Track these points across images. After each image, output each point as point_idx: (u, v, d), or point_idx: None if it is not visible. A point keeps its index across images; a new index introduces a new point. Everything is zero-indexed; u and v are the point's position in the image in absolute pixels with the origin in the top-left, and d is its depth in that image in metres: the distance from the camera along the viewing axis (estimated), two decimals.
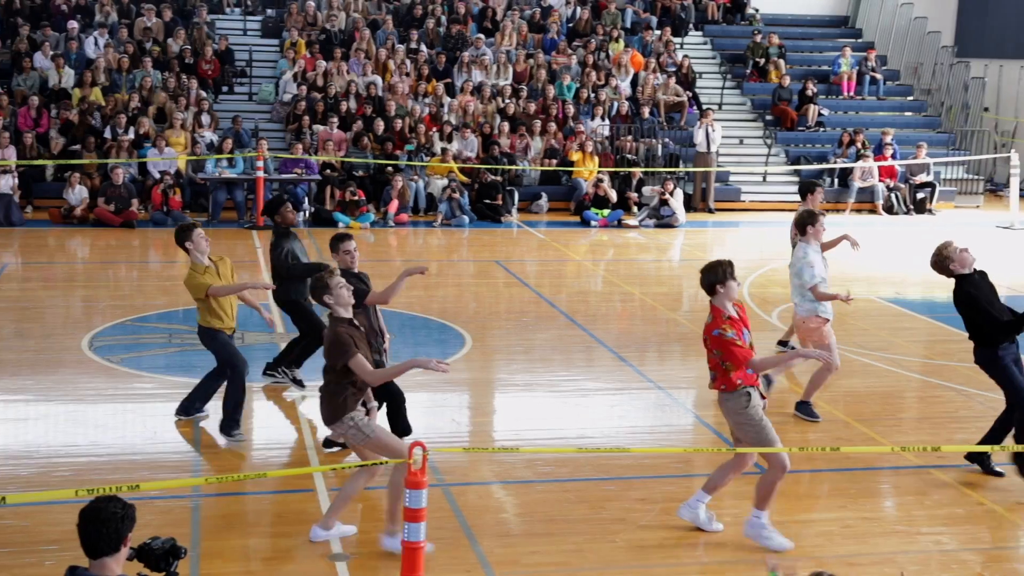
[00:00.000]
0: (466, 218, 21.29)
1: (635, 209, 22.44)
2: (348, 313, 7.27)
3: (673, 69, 26.49)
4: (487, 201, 21.87)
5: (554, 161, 23.34)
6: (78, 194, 19.99)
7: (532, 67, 25.71)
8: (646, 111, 24.93)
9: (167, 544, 4.86)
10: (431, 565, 6.76)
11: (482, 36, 26.35)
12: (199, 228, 9.41)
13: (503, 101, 24.42)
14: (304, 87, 23.83)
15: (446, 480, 8.53)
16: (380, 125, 22.74)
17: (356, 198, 20.75)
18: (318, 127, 22.74)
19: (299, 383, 10.69)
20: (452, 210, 21.30)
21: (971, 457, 8.99)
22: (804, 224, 10.33)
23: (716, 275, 7.49)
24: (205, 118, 22.54)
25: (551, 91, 24.79)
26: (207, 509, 7.90)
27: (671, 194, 21.87)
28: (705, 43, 29.07)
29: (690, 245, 20.67)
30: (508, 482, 8.70)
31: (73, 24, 24.35)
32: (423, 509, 6.33)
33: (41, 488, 8.03)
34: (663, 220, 21.78)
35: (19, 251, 17.80)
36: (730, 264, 7.55)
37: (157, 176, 20.69)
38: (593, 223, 21.71)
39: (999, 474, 8.92)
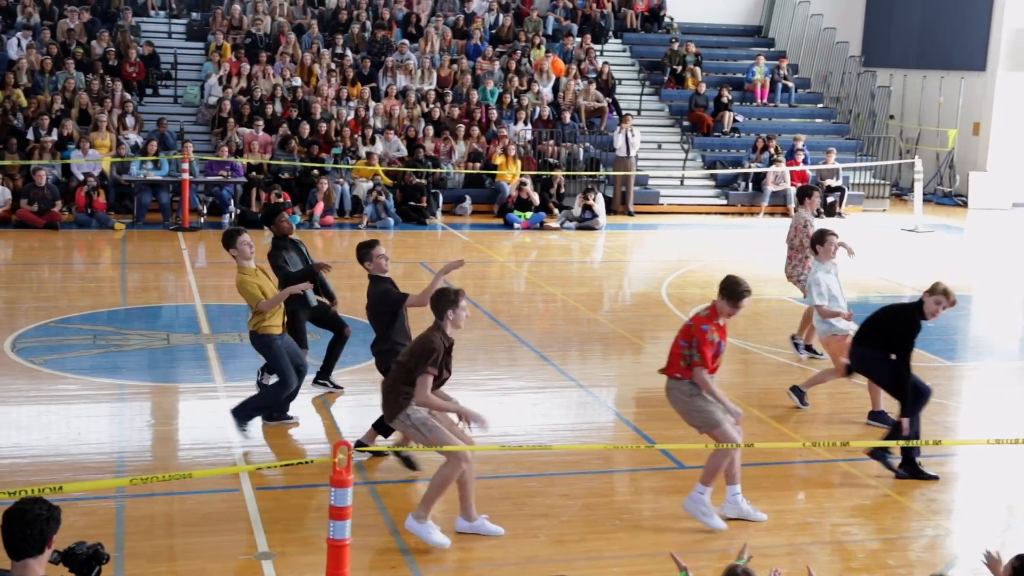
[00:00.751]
0: (391, 220, 21.20)
1: (556, 212, 22.54)
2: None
3: (593, 75, 26.65)
4: (412, 203, 21.81)
5: (478, 164, 23.34)
6: (0, 195, 19.52)
7: (456, 72, 25.69)
8: (567, 116, 25.06)
9: (91, 549, 4.79)
10: (356, 563, 6.72)
11: (406, 41, 26.26)
12: (245, 234, 9.20)
13: (427, 105, 24.37)
14: (229, 90, 23.55)
15: (371, 478, 8.49)
16: (306, 128, 22.55)
17: (281, 200, 20.55)
18: (243, 130, 22.48)
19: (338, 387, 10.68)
20: (377, 212, 21.20)
21: (872, 453, 9.16)
22: (815, 243, 10.81)
23: (735, 291, 7.80)
24: (130, 120, 22.16)
25: (475, 96, 24.80)
26: (132, 510, 7.77)
27: (594, 200, 22.01)
28: (624, 50, 29.28)
29: (611, 247, 20.82)
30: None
31: None
32: (348, 507, 6.29)
33: None
34: (584, 223, 21.91)
35: None
36: (748, 289, 7.85)
37: (81, 178, 20.29)
38: (516, 225, 21.75)
39: (894, 468, 9.09)
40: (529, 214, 22.05)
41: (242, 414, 9.13)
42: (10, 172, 20.09)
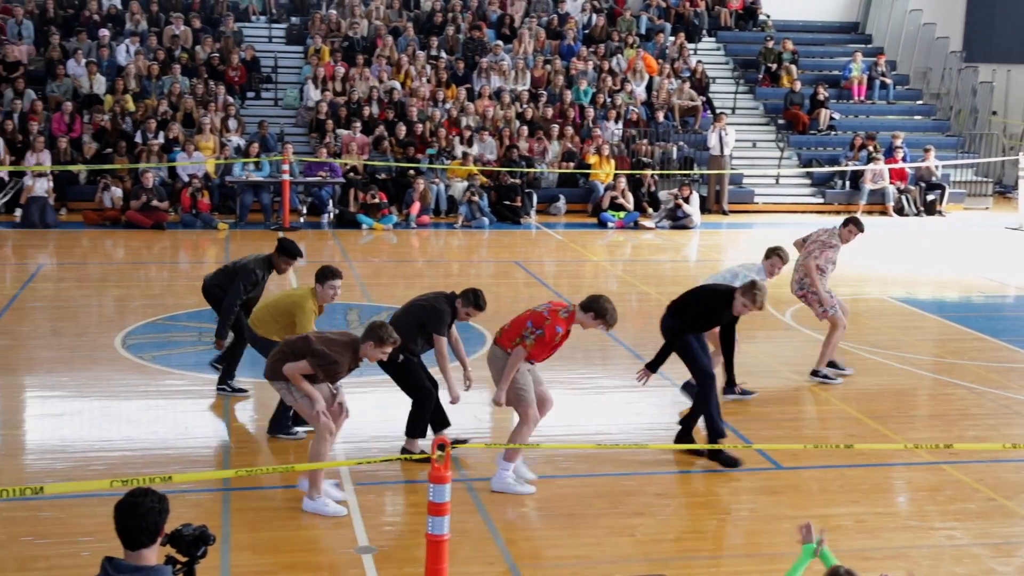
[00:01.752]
0: (486, 220, 21.30)
1: (650, 211, 22.42)
2: None
3: (687, 74, 26.44)
4: (506, 203, 21.88)
5: (571, 164, 23.32)
6: (113, 195, 20.08)
7: (550, 72, 25.70)
8: (661, 115, 24.89)
9: (197, 531, 4.89)
10: (455, 558, 6.77)
11: (500, 43, 26.35)
12: (339, 279, 8.96)
13: (521, 106, 24.43)
14: (327, 93, 23.88)
15: (469, 475, 8.53)
16: (402, 129, 22.77)
17: (377, 201, 20.78)
18: (342, 131, 22.79)
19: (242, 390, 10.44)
20: (472, 212, 21.31)
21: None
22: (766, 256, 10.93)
23: (602, 310, 8.17)
24: (232, 123, 22.62)
25: (568, 96, 24.78)
26: (237, 502, 7.92)
27: (687, 200, 21.83)
28: (718, 49, 29.00)
29: (705, 246, 20.64)
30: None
31: (104, 32, 24.48)
32: (446, 503, 6.34)
33: (77, 482, 8.08)
34: (679, 222, 21.75)
35: (54, 252, 17.90)
36: (615, 311, 8.20)
37: (186, 179, 20.77)
38: (610, 224, 21.69)
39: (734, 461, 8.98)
40: (623, 213, 21.95)
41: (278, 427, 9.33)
42: (119, 174, 20.65)
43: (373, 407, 9.97)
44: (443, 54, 25.99)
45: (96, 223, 19.81)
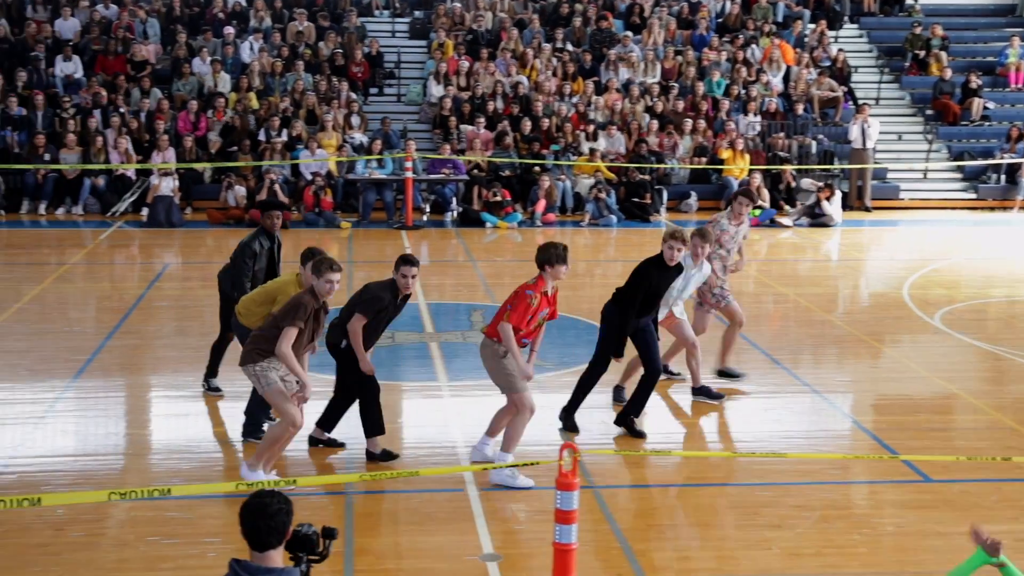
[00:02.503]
0: (614, 217, 21.24)
1: (787, 208, 22.05)
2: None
3: (827, 63, 25.92)
4: (635, 200, 21.78)
5: (703, 159, 23.09)
6: (236, 194, 20.66)
7: (681, 64, 25.49)
8: (799, 107, 24.46)
9: (316, 531, 4.96)
10: (582, 567, 6.76)
11: (629, 33, 26.25)
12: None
13: (651, 99, 24.28)
14: (451, 88, 24.13)
15: (596, 483, 8.52)
16: (527, 124, 22.86)
17: (499, 199, 20.88)
18: (465, 127, 23.00)
19: (216, 389, 10.53)
20: (599, 210, 21.26)
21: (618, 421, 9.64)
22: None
23: (549, 256, 8.46)
24: (355, 120, 23.03)
25: (700, 88, 24.53)
26: (360, 506, 8.06)
27: (828, 200, 21.39)
28: (861, 36, 28.36)
29: (846, 245, 20.20)
30: (660, 485, 8.64)
31: (229, 30, 25.19)
32: (574, 511, 6.34)
33: (202, 482, 8.33)
34: (818, 219, 21.33)
35: (179, 251, 18.50)
36: (565, 249, 8.54)
37: (309, 177, 21.23)
38: None
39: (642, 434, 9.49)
40: (758, 211, 21.63)
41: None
42: (243, 173, 21.23)
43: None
44: (569, 46, 26.01)
45: (220, 222, 20.40)
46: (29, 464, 8.82)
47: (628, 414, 9.58)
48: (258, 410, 9.28)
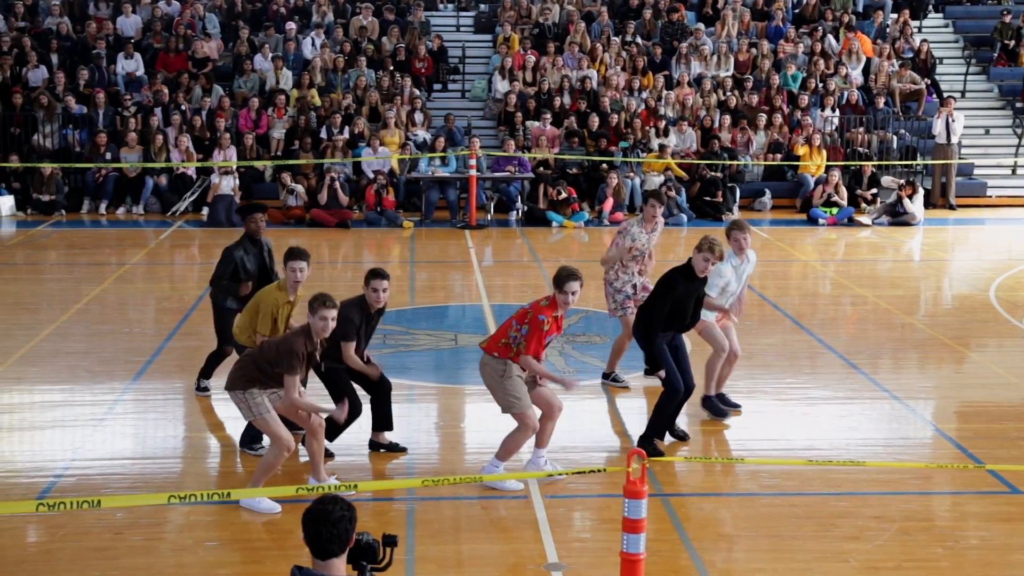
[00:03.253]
0: (684, 216, 21.12)
1: (866, 206, 21.78)
2: None
3: (910, 55, 25.56)
4: (707, 198, 21.64)
5: (778, 156, 22.88)
6: (297, 193, 20.86)
7: (755, 56, 25.29)
8: (880, 101, 24.14)
9: (376, 539, 4.98)
10: None
11: (701, 25, 26.10)
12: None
13: (724, 93, 24.12)
14: (516, 83, 24.16)
15: (665, 490, 8.47)
16: (595, 120, 22.82)
17: (564, 196, 20.84)
18: (531, 123, 23.02)
19: (204, 389, 10.53)
20: (669, 208, 21.15)
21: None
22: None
23: (558, 276, 8.29)
24: (418, 116, 23.16)
25: (776, 81, 24.32)
26: (421, 513, 8.10)
27: (910, 198, 21.09)
28: (946, 26, 27.94)
29: (929, 244, 19.91)
30: (731, 494, 8.58)
31: (291, 25, 25.47)
32: (643, 520, 6.31)
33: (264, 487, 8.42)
34: (899, 218, 21.04)
35: None
36: (572, 273, 8.28)
37: (371, 176, 21.38)
38: (821, 221, 21.17)
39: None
40: (836, 209, 21.39)
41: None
42: (304, 171, 21.44)
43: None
44: (639, 39, 25.91)
45: (280, 222, 20.61)
46: (88, 467, 8.99)
47: (650, 437, 9.14)
48: None
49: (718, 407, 10.17)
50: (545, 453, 8.67)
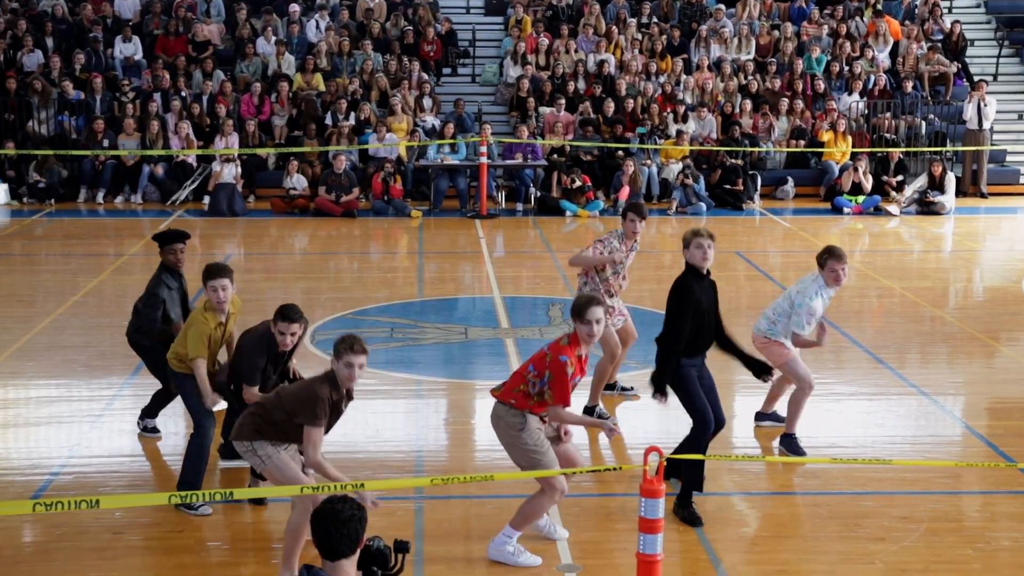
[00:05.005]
0: (703, 205, 21.10)
1: (894, 195, 21.74)
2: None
3: (939, 37, 25.47)
4: (727, 187, 21.61)
5: (801, 142, 22.84)
6: (297, 182, 20.91)
7: (778, 39, 25.23)
8: (908, 85, 24.07)
9: (387, 545, 5.00)
10: None
11: (722, 7, 26.05)
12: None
13: (745, 77, 24.07)
14: (529, 67, 24.14)
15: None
16: (610, 106, 22.79)
17: (579, 185, 20.81)
18: (544, 109, 23.00)
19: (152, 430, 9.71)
20: (687, 197, 21.14)
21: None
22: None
23: (575, 306, 7.28)
24: (427, 102, 23.16)
25: (799, 65, 24.26)
26: (430, 512, 8.11)
27: (940, 180, 21.03)
28: (978, 6, 27.86)
29: (959, 234, 19.86)
30: (751, 493, 8.58)
31: (295, 7, 25.47)
32: (660, 519, 6.32)
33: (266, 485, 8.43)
34: (928, 207, 20.98)
35: (241, 241, 18.78)
36: (588, 301, 7.25)
37: (378, 163, 21.37)
38: (846, 210, 21.13)
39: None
40: (862, 197, 21.34)
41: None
42: (308, 158, 21.47)
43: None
44: (657, 21, 25.86)
45: (284, 211, 20.66)
46: (86, 464, 9.03)
47: (688, 495, 8.05)
48: None
49: (798, 446, 9.25)
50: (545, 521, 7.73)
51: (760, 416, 9.90)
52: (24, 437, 9.85)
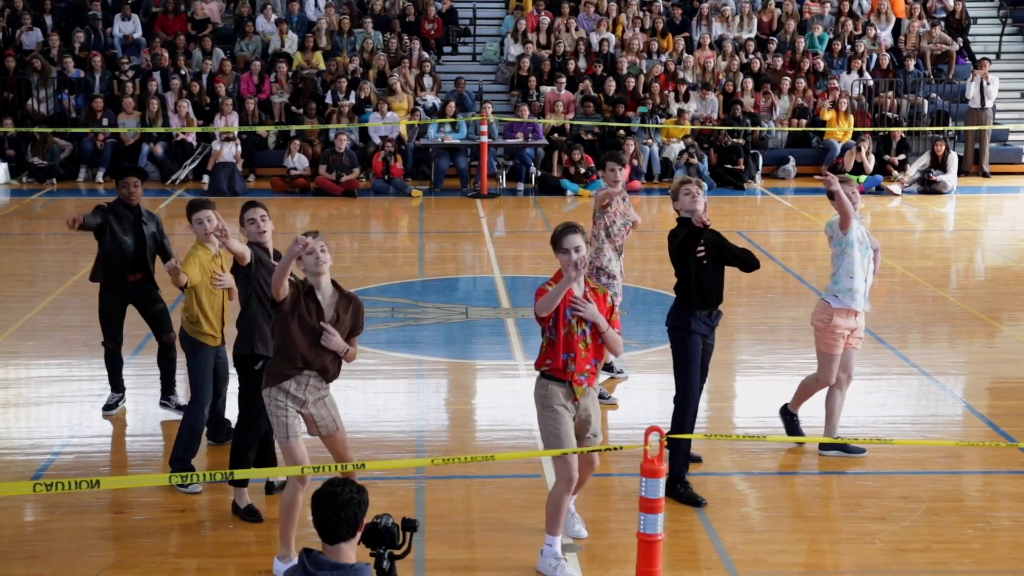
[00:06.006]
0: (704, 185, 21.03)
1: (896, 174, 21.70)
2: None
3: (942, 15, 25.38)
4: (728, 166, 21.57)
5: (803, 121, 22.79)
6: (298, 161, 20.88)
7: (780, 17, 25.14)
8: (910, 63, 24.00)
9: (396, 523, 4.97)
10: (668, 560, 6.76)
11: None
12: (206, 209, 8.20)
13: (747, 56, 24.00)
14: (530, 46, 24.07)
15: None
16: (611, 85, 22.74)
17: (584, 171, 20.72)
18: (545, 88, 22.95)
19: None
20: (689, 176, 21.08)
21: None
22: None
23: (559, 233, 6.94)
24: (427, 81, 23.10)
25: (801, 43, 24.19)
26: (431, 492, 8.13)
27: (942, 159, 20.99)
28: None
29: (961, 214, 19.84)
30: (752, 473, 8.60)
31: None
32: (660, 499, 6.33)
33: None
34: (929, 186, 20.95)
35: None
36: (563, 228, 6.93)
37: (378, 142, 21.35)
38: None
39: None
40: (864, 177, 21.30)
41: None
42: (309, 137, 21.43)
43: None
44: (658, 0, 25.79)
45: (284, 190, 20.63)
46: (87, 444, 9.05)
47: (681, 475, 7.95)
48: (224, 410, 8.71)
49: (798, 427, 9.07)
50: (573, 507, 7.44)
51: (787, 414, 9.18)
52: (25, 417, 9.87)
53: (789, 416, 9.17)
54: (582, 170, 20.69)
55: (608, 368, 10.37)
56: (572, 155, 20.77)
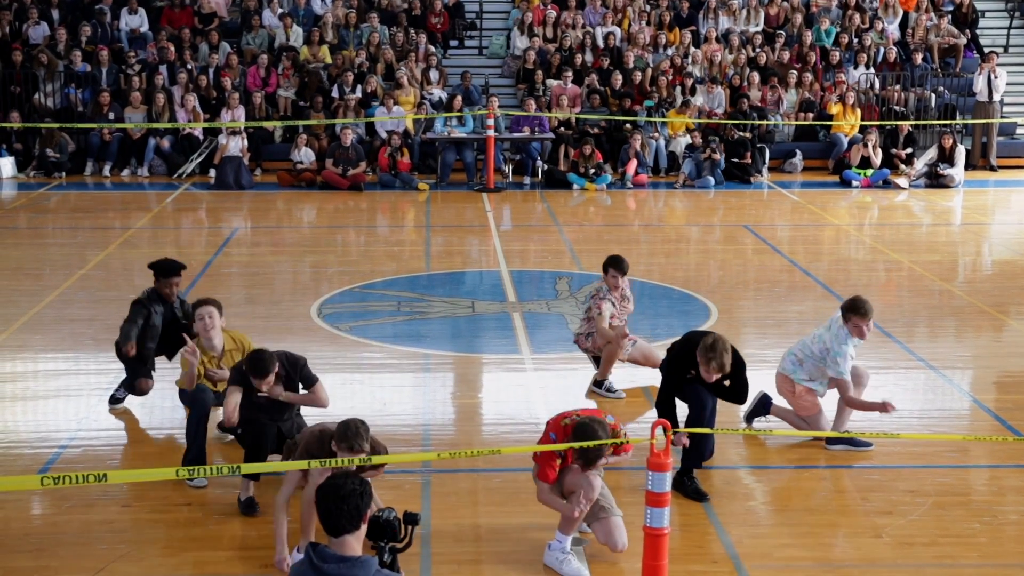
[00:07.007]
0: (711, 179, 21.03)
1: (903, 167, 21.66)
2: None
3: (950, 8, 25.32)
4: (735, 160, 21.54)
5: (810, 115, 22.75)
6: (305, 155, 20.89)
7: (786, 10, 25.10)
8: (918, 57, 23.94)
9: (398, 516, 4.99)
10: (674, 554, 6.76)
11: None
12: (210, 306, 8.28)
13: (753, 50, 23.96)
14: (536, 39, 24.05)
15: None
16: (618, 78, 22.71)
17: (595, 171, 20.63)
18: (552, 82, 22.93)
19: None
20: (698, 170, 21.06)
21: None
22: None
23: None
24: (434, 74, 23.09)
25: (808, 37, 24.14)
26: (437, 486, 8.13)
27: (949, 156, 20.93)
28: None
29: (968, 207, 19.80)
30: (758, 467, 8.59)
31: None
32: (667, 493, 6.33)
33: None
34: (937, 180, 20.91)
35: (248, 215, 18.76)
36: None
37: (384, 136, 21.34)
38: (855, 183, 21.05)
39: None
40: (870, 170, 21.27)
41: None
42: (315, 131, 21.43)
43: (578, 385, 10.05)
44: None
45: (291, 184, 20.64)
46: (94, 437, 9.06)
47: (689, 469, 8.06)
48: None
49: (766, 406, 9.17)
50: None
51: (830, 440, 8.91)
52: (32, 410, 9.89)
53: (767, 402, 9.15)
54: (591, 169, 20.64)
55: (598, 385, 10.07)
56: (583, 149, 20.73)
